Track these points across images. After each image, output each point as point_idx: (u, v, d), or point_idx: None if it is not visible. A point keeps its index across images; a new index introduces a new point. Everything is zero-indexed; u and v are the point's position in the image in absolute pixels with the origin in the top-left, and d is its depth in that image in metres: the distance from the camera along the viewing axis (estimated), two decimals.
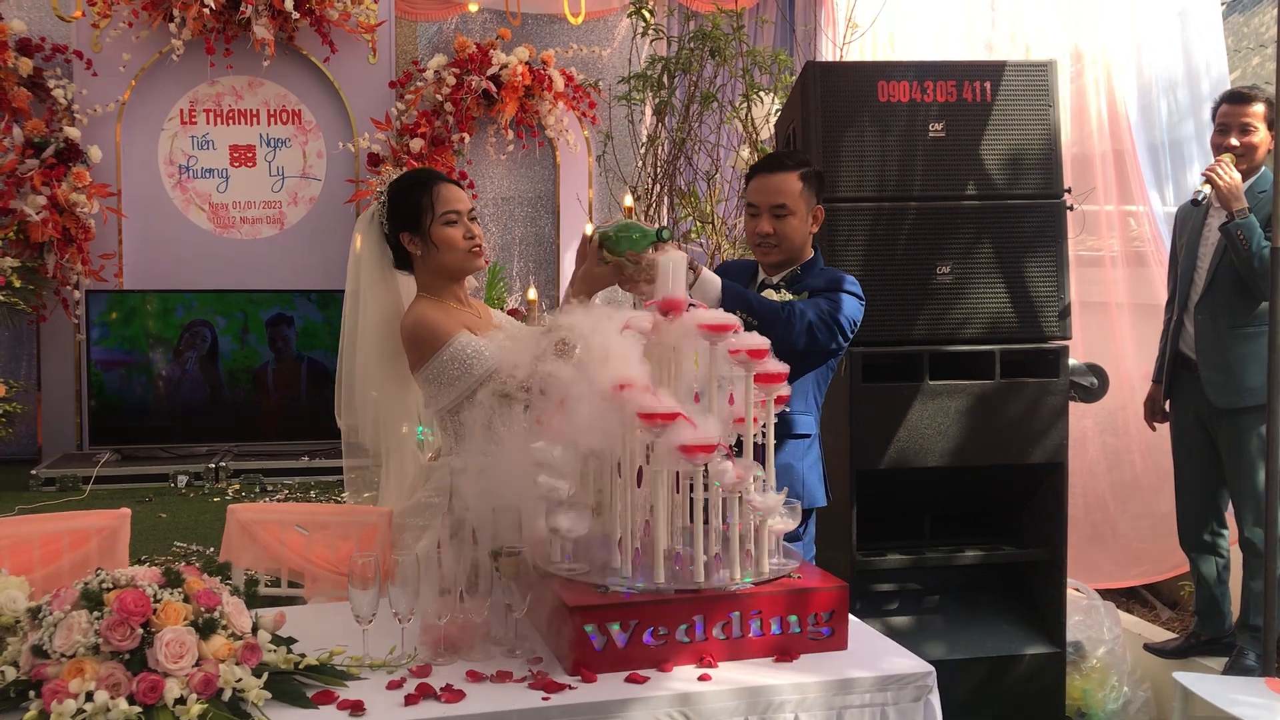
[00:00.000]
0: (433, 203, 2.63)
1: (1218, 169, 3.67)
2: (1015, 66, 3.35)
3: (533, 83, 5.92)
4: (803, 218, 2.87)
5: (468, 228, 2.65)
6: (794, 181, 2.86)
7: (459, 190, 2.69)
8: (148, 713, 1.80)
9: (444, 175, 2.73)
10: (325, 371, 5.69)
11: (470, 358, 2.56)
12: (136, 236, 5.90)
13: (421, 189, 2.66)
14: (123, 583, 1.93)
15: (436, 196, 2.63)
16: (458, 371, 2.57)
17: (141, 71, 5.82)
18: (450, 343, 2.57)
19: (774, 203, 2.84)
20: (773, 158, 2.97)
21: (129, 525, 2.67)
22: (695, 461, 2.10)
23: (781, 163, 2.91)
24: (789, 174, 2.87)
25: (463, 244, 2.64)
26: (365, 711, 1.89)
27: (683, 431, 2.08)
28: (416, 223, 2.65)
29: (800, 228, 2.86)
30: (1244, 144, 3.73)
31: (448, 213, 2.63)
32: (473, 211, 2.69)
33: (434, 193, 2.64)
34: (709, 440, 2.08)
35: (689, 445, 2.07)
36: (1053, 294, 3.29)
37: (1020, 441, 3.24)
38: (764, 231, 2.85)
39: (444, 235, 2.63)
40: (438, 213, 2.63)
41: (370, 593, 2.09)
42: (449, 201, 2.64)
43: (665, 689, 2.01)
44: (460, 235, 2.63)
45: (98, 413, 5.59)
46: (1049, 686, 3.30)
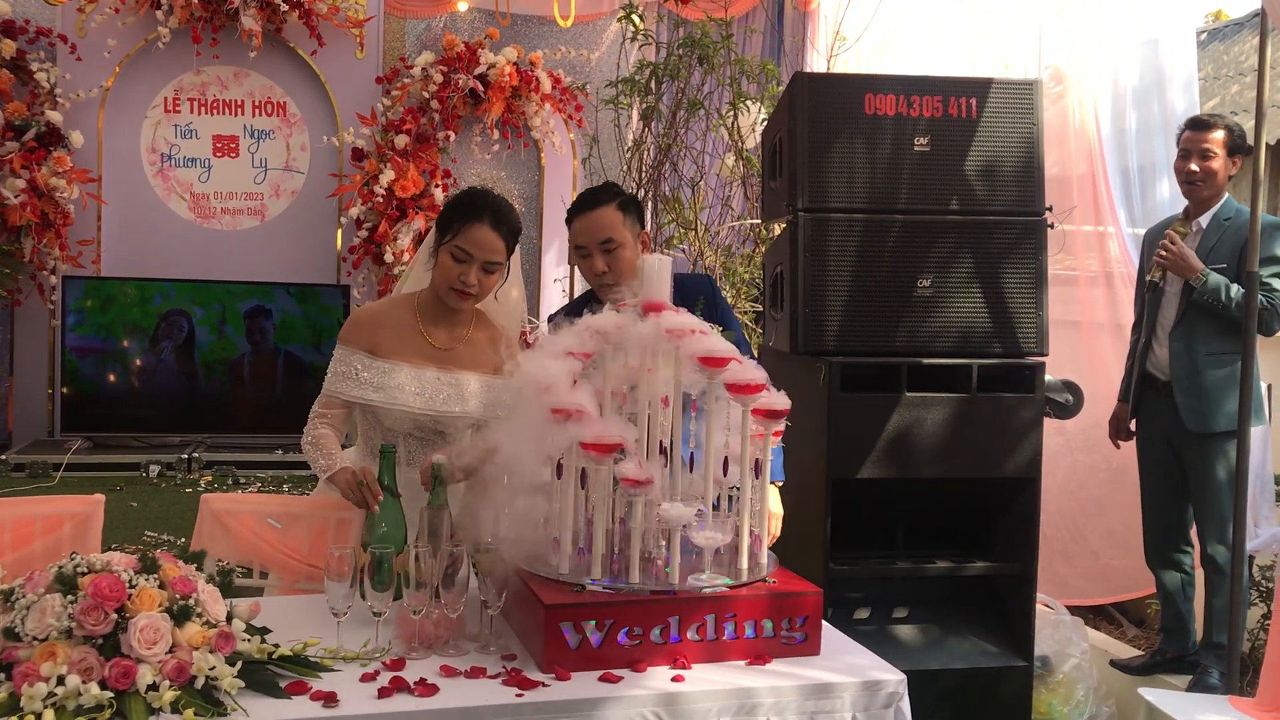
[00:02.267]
0: (459, 230, 2.62)
1: (1162, 249, 3.78)
2: (1001, 84, 3.38)
3: (520, 83, 5.92)
4: (631, 246, 2.88)
5: (469, 272, 2.60)
6: (613, 214, 2.87)
7: (493, 239, 2.62)
8: (119, 698, 1.79)
9: (499, 217, 2.65)
10: (302, 365, 5.67)
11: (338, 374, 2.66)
12: (116, 224, 5.86)
13: (464, 212, 2.64)
14: (98, 568, 1.92)
15: (465, 228, 2.61)
16: (333, 372, 2.68)
17: (126, 58, 5.78)
18: (345, 346, 2.68)
19: (601, 239, 2.84)
20: (587, 195, 2.95)
21: (103, 511, 2.66)
22: (599, 461, 2.13)
23: (597, 199, 2.90)
24: (607, 208, 2.87)
25: (451, 279, 2.62)
26: (338, 703, 1.89)
27: (586, 428, 2.11)
28: (442, 233, 2.66)
29: (631, 258, 2.86)
30: (1203, 169, 3.82)
31: (460, 248, 2.61)
32: (493, 264, 2.63)
33: (467, 224, 2.62)
34: (609, 439, 2.11)
35: (590, 443, 2.11)
36: (1031, 310, 3.32)
37: (995, 455, 3.26)
38: (600, 270, 2.85)
39: (444, 262, 2.64)
40: (454, 241, 2.62)
41: (345, 585, 2.10)
42: (471, 242, 2.61)
43: (639, 689, 2.02)
44: (456, 273, 2.61)
45: (70, 400, 5.55)
46: (1016, 699, 3.33)
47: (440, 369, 2.65)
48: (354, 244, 5.90)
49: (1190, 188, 3.89)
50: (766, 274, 3.69)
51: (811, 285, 3.25)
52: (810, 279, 3.25)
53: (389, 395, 2.61)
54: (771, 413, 2.25)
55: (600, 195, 2.92)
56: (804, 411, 3.35)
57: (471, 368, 2.70)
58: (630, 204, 2.94)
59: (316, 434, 2.61)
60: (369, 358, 2.63)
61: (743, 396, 2.21)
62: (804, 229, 3.25)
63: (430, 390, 2.64)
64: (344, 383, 2.64)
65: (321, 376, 2.75)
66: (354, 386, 2.63)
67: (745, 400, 2.22)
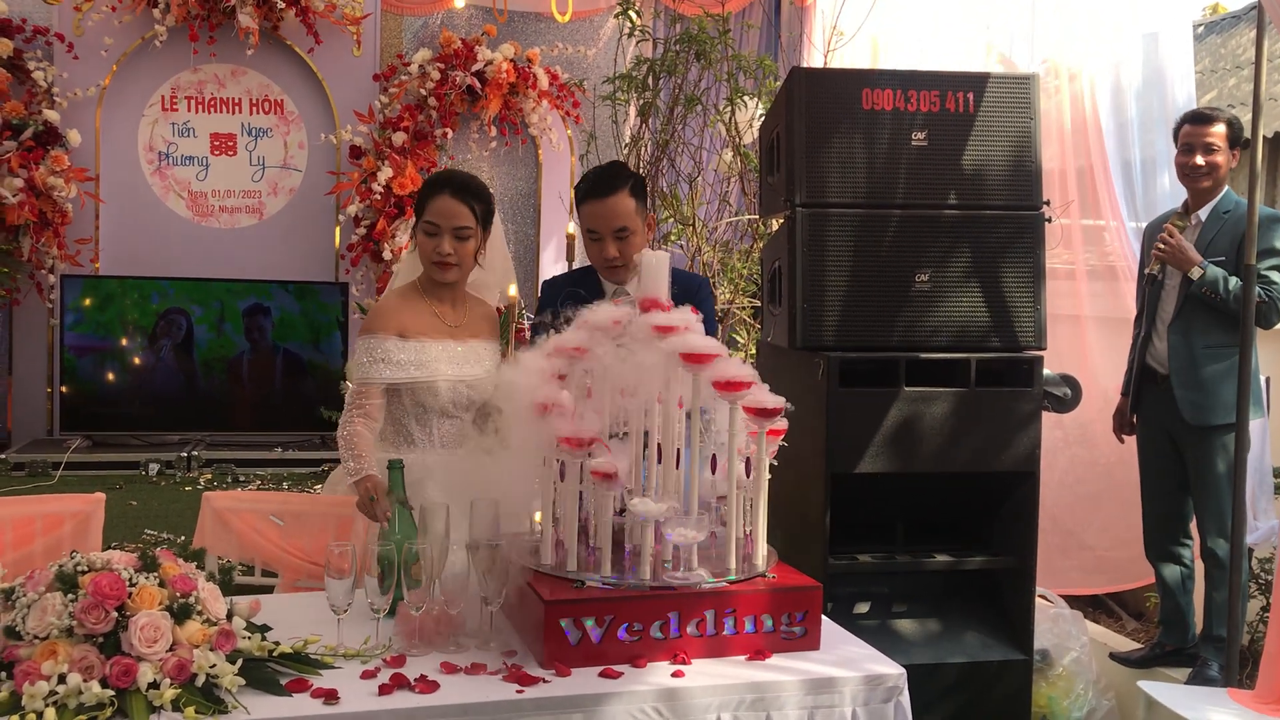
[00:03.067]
0: (424, 207, 2.79)
1: (1161, 242, 3.78)
2: (998, 78, 3.38)
3: (517, 80, 5.92)
4: (642, 233, 2.97)
5: (441, 242, 2.76)
6: (627, 201, 2.94)
7: (455, 205, 2.77)
8: (120, 696, 1.80)
9: (458, 185, 2.80)
10: (301, 363, 5.66)
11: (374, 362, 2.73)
12: (114, 222, 5.85)
13: (428, 189, 2.82)
14: (98, 566, 1.93)
15: (429, 203, 2.79)
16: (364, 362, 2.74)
17: (124, 56, 5.78)
18: (373, 335, 2.75)
19: (616, 227, 2.91)
20: (602, 180, 2.97)
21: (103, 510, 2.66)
22: (573, 455, 2.16)
23: (612, 184, 2.94)
24: (622, 194, 2.93)
25: (429, 253, 2.79)
26: (339, 700, 1.89)
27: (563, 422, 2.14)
28: (417, 216, 2.84)
29: (642, 243, 2.96)
30: (1208, 163, 3.81)
31: (428, 222, 2.78)
32: (463, 230, 2.77)
33: (430, 198, 2.79)
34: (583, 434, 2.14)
35: (565, 437, 2.14)
36: (1029, 304, 3.32)
37: (993, 450, 3.26)
38: (611, 256, 2.93)
39: (420, 240, 2.82)
40: (423, 218, 2.80)
41: (346, 583, 2.10)
42: (435, 213, 2.78)
43: (639, 685, 2.02)
44: (430, 247, 2.78)
45: (69, 399, 5.55)
46: (1015, 693, 3.33)
47: (458, 340, 2.83)
48: (352, 241, 5.90)
49: (1193, 181, 3.88)
50: (764, 269, 3.69)
51: (809, 280, 3.25)
52: (808, 274, 3.25)
53: (429, 370, 2.75)
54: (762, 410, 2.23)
55: (615, 180, 2.97)
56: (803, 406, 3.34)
57: (477, 337, 2.90)
58: (640, 188, 3.01)
59: (352, 430, 2.70)
60: (400, 340, 2.75)
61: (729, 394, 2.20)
62: (802, 224, 3.25)
63: (458, 359, 2.81)
64: (382, 368, 2.73)
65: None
66: (393, 369, 2.73)
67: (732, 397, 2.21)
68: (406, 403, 2.77)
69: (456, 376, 2.79)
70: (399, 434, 2.79)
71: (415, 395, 2.76)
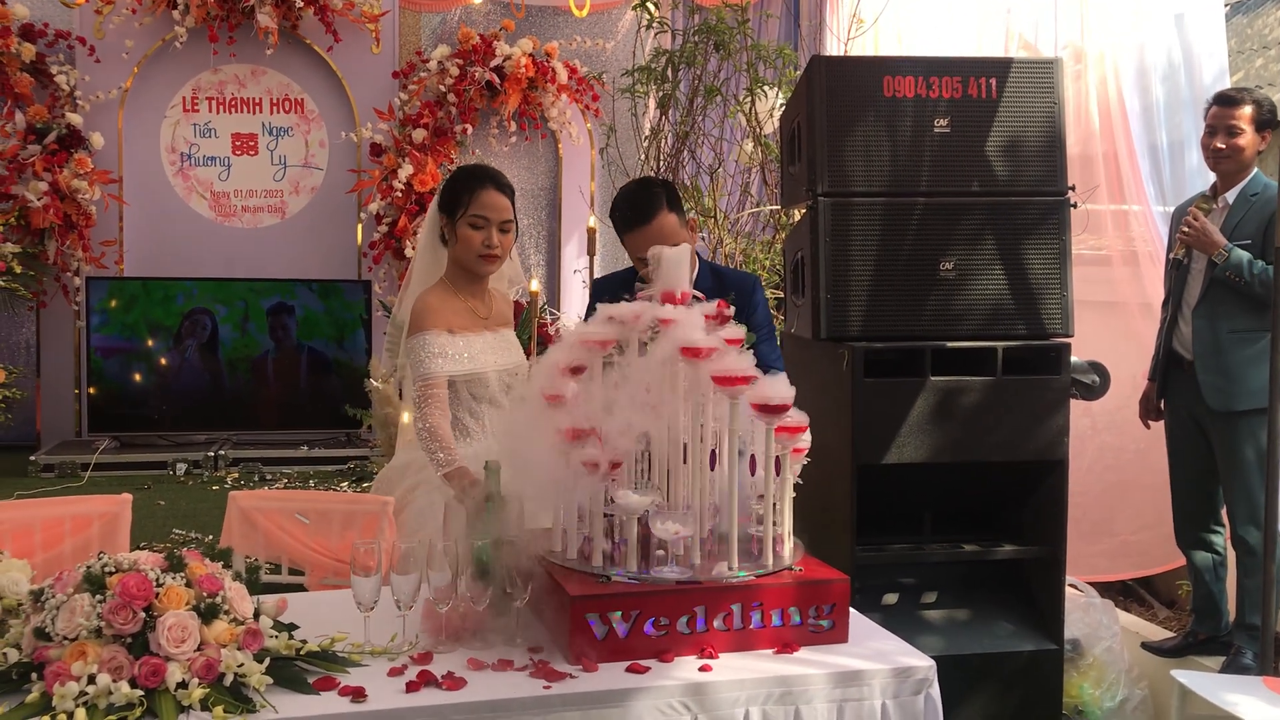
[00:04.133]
0: (469, 200, 2.80)
1: (1185, 225, 3.74)
2: (1021, 63, 3.34)
3: (536, 75, 5.92)
4: (685, 240, 2.95)
5: (490, 235, 2.80)
6: (669, 218, 2.95)
7: (501, 199, 2.82)
8: (149, 696, 1.80)
9: (499, 180, 2.85)
10: (325, 361, 5.68)
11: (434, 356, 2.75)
12: (138, 224, 5.89)
13: (468, 184, 2.83)
14: (125, 566, 1.93)
15: (475, 197, 2.80)
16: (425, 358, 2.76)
17: (144, 58, 5.81)
18: (426, 332, 2.77)
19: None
20: (640, 205, 2.97)
21: (130, 510, 2.67)
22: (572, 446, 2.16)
23: (652, 207, 2.95)
24: (662, 214, 2.95)
25: (477, 247, 2.80)
26: (366, 698, 1.89)
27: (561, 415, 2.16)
28: (452, 212, 2.83)
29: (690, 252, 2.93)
30: (1229, 145, 3.77)
31: (477, 215, 2.79)
32: (507, 223, 2.83)
33: (475, 192, 2.80)
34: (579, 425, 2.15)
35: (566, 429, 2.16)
36: (1055, 291, 3.28)
37: (1021, 438, 3.23)
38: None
39: (465, 234, 2.81)
40: (469, 211, 2.80)
41: (372, 580, 2.09)
42: (484, 206, 2.80)
43: (666, 679, 2.01)
44: (479, 239, 2.80)
45: (97, 400, 5.59)
46: (1046, 683, 3.30)
47: (492, 332, 2.90)
48: (374, 239, 5.92)
49: (1215, 163, 3.84)
50: (787, 260, 3.66)
51: (833, 270, 3.22)
52: (831, 264, 3.22)
53: (481, 362, 2.82)
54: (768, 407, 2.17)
55: (653, 202, 2.98)
56: (828, 398, 3.33)
57: (505, 325, 2.98)
58: (675, 197, 3.03)
59: (432, 423, 2.72)
60: (450, 336, 2.79)
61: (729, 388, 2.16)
62: (824, 214, 3.22)
63: (498, 349, 2.89)
64: (444, 362, 2.77)
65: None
66: (454, 363, 2.78)
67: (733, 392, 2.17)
68: (462, 395, 2.83)
69: (501, 366, 2.86)
70: (454, 427, 2.82)
71: (469, 387, 2.83)
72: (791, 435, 2.23)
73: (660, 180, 3.11)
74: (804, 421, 2.25)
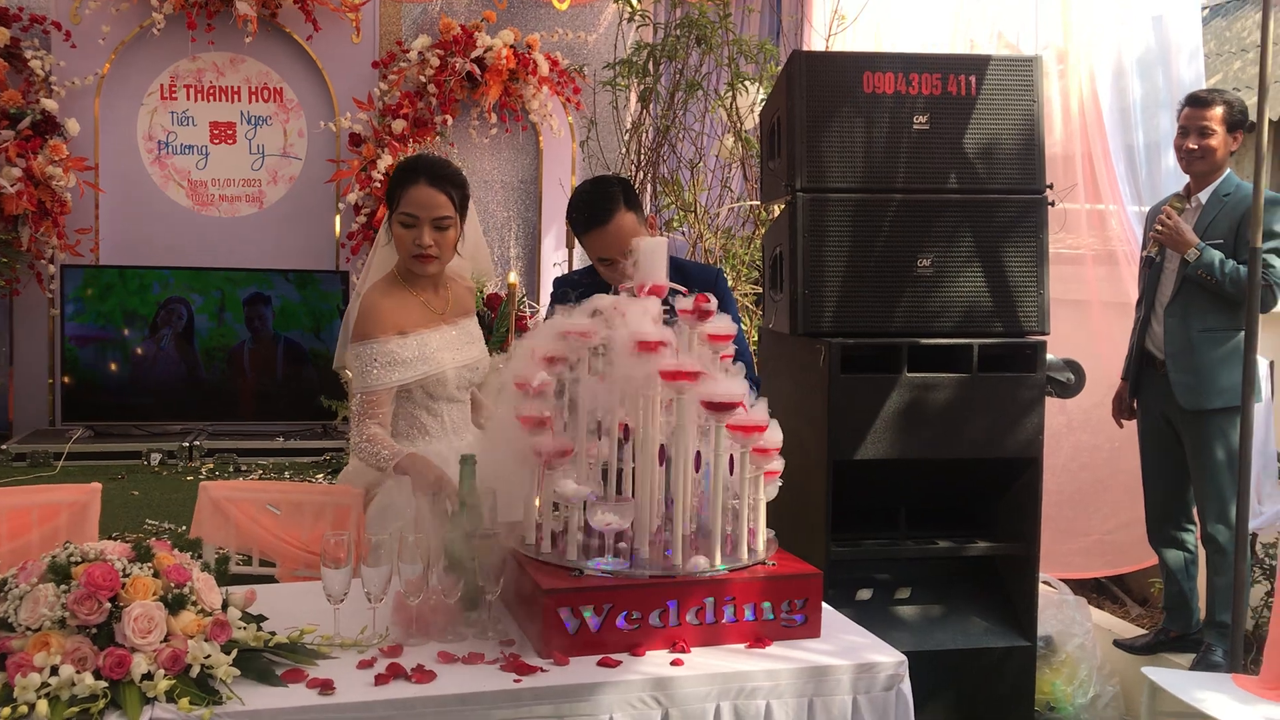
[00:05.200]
0: (400, 197, 2.68)
1: (1159, 224, 3.77)
2: (1000, 61, 3.35)
3: (517, 66, 5.89)
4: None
5: (421, 234, 2.66)
6: (627, 218, 2.90)
7: (434, 195, 2.66)
8: (114, 688, 1.78)
9: (434, 173, 2.69)
10: (302, 352, 5.65)
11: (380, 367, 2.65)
12: (113, 212, 5.84)
13: (400, 180, 2.70)
14: (91, 556, 1.91)
15: (405, 194, 2.67)
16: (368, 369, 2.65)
17: (121, 45, 5.76)
18: (372, 341, 2.65)
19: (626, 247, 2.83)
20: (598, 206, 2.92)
21: (99, 500, 2.65)
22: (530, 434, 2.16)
23: (610, 208, 2.90)
24: (620, 214, 2.90)
25: (408, 247, 2.68)
26: (335, 690, 1.88)
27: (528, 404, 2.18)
28: (390, 206, 2.73)
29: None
30: (1201, 146, 3.81)
31: (405, 214, 2.67)
32: (443, 220, 2.67)
33: (406, 189, 2.67)
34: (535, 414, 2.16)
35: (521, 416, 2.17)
36: (1032, 289, 3.29)
37: (996, 435, 3.24)
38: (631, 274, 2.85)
39: (397, 232, 2.71)
40: (399, 209, 2.68)
41: (342, 572, 2.08)
42: (413, 204, 2.66)
43: (638, 673, 2.01)
44: (409, 239, 2.67)
45: (71, 389, 5.54)
46: (1019, 679, 3.31)
47: (450, 324, 2.78)
48: (352, 230, 5.88)
49: (1187, 164, 3.88)
50: (766, 255, 3.66)
51: (811, 266, 3.22)
52: (809, 260, 3.22)
53: (435, 362, 2.71)
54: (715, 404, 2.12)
55: (610, 203, 2.92)
56: (804, 393, 3.33)
57: (466, 315, 2.86)
58: (632, 196, 2.97)
59: (370, 432, 2.64)
60: (401, 338, 2.68)
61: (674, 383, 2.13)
62: (803, 209, 3.22)
63: (456, 344, 2.78)
64: (392, 371, 2.66)
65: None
66: (404, 369, 2.67)
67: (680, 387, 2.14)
68: (417, 396, 2.74)
69: (460, 362, 2.77)
70: (412, 426, 2.76)
71: (426, 388, 2.73)
72: (747, 434, 2.16)
73: (616, 178, 3.07)
74: (761, 421, 2.17)
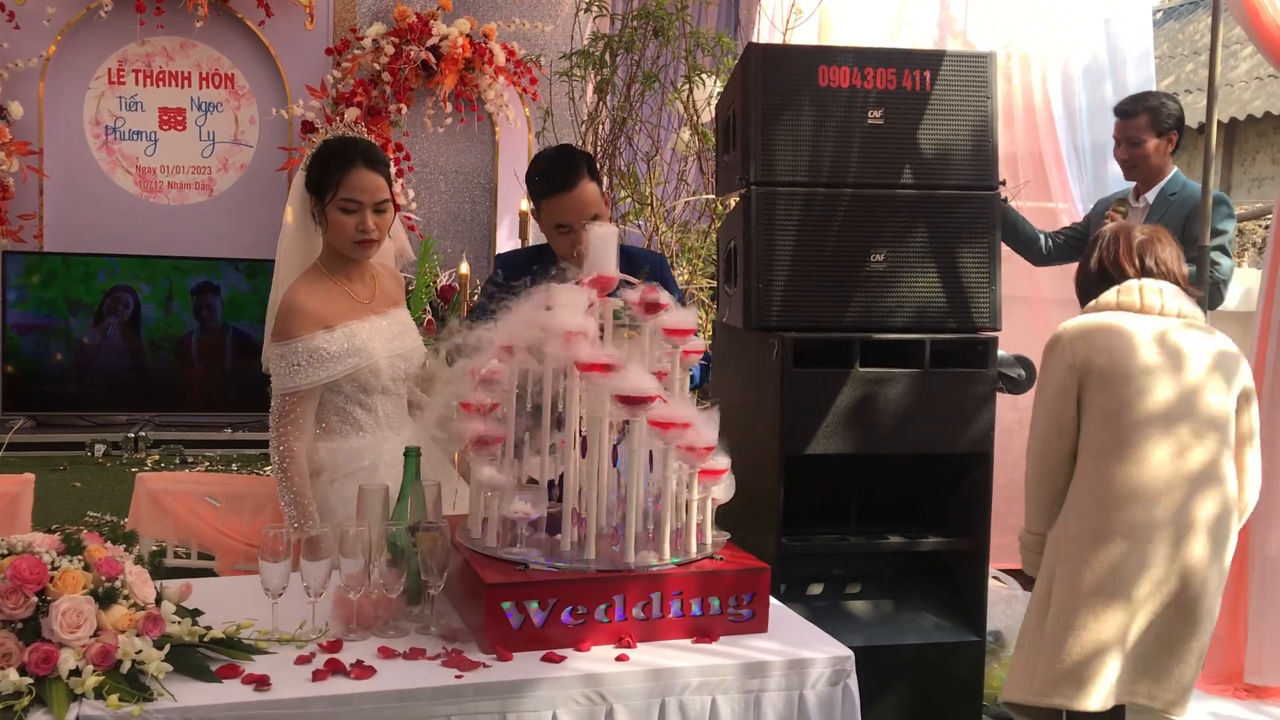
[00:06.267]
0: (339, 182, 2.58)
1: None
2: (954, 56, 3.35)
3: (473, 56, 5.83)
4: (607, 217, 2.96)
5: (364, 219, 2.59)
6: (592, 187, 2.92)
7: (374, 179, 2.60)
8: (39, 684, 1.73)
9: (371, 156, 2.62)
10: (251, 343, 5.56)
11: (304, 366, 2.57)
12: (58, 198, 5.71)
13: (335, 164, 2.60)
14: (19, 549, 1.85)
15: (344, 179, 2.58)
16: (290, 370, 2.57)
17: (67, 27, 5.63)
18: (295, 339, 2.57)
19: (589, 216, 2.87)
20: (566, 170, 2.92)
21: (32, 491, 2.58)
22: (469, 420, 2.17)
23: (577, 173, 2.90)
24: (585, 181, 2.91)
25: (350, 233, 2.60)
26: (271, 686, 1.84)
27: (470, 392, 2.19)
28: (321, 194, 2.62)
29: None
30: (1131, 155, 3.85)
31: (347, 200, 2.58)
32: (382, 204, 2.61)
33: (344, 174, 2.58)
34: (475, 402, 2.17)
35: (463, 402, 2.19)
36: (984, 285, 3.30)
37: (948, 431, 3.25)
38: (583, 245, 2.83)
39: (336, 219, 2.61)
40: (338, 195, 2.59)
41: (281, 566, 2.04)
42: (354, 189, 2.58)
43: (582, 669, 1.98)
44: (352, 225, 2.59)
45: (12, 378, 5.42)
46: (969, 674, 3.32)
47: (379, 314, 2.70)
48: None
49: (1126, 172, 3.94)
50: (720, 249, 3.64)
51: (764, 260, 3.21)
52: (763, 253, 3.21)
53: (365, 355, 2.62)
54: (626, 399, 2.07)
55: (577, 169, 2.92)
56: (756, 387, 3.32)
57: (395, 305, 2.78)
58: (595, 168, 2.99)
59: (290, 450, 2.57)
60: (327, 332, 2.60)
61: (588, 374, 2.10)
62: (756, 202, 3.21)
63: (388, 334, 2.69)
64: (318, 368, 2.58)
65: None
66: (331, 365, 2.59)
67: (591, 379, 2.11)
68: (348, 389, 2.65)
69: (393, 352, 2.70)
70: (345, 422, 2.69)
71: (357, 380, 2.64)
72: (666, 430, 2.10)
73: (580, 150, 3.06)
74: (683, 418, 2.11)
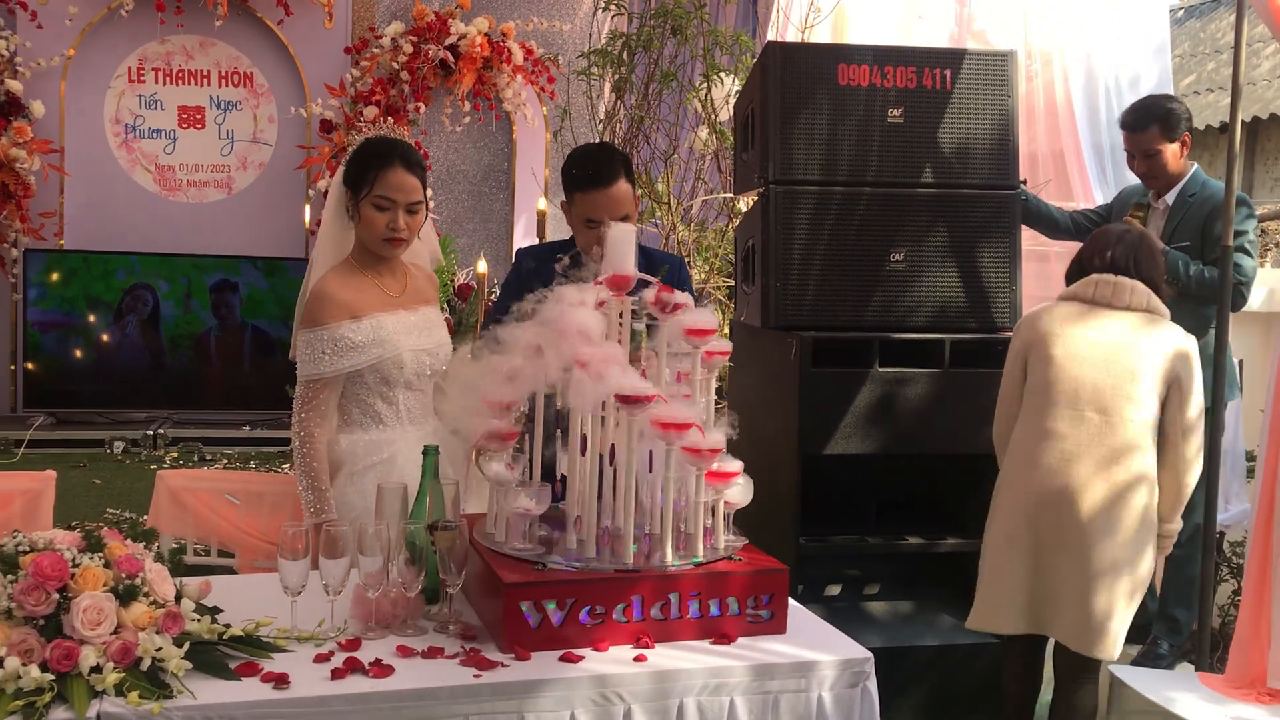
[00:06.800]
0: (375, 179, 2.62)
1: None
2: (976, 55, 3.34)
3: (491, 54, 5.84)
4: (635, 219, 2.91)
5: (396, 218, 2.62)
6: (626, 185, 2.89)
7: (409, 179, 2.64)
8: (61, 681, 1.73)
9: (408, 158, 2.67)
10: (269, 340, 5.58)
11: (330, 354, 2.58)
12: (79, 196, 5.75)
13: (374, 162, 2.65)
14: (40, 546, 1.86)
15: (380, 177, 2.62)
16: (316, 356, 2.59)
17: (89, 26, 5.67)
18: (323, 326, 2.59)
19: (619, 215, 2.83)
20: (602, 167, 2.90)
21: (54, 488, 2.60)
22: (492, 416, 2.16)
23: (613, 171, 2.88)
24: (621, 180, 2.88)
25: (381, 230, 2.63)
26: (290, 684, 1.83)
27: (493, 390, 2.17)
28: (357, 188, 2.65)
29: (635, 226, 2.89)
30: (1149, 167, 3.81)
31: (381, 197, 2.62)
32: (415, 205, 2.65)
33: (381, 172, 2.62)
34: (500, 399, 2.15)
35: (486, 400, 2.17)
36: (1004, 285, 3.29)
37: (967, 431, 3.23)
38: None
39: (368, 215, 2.64)
40: (373, 192, 2.62)
41: (300, 564, 2.04)
42: (389, 187, 2.62)
43: (599, 669, 1.97)
44: (383, 222, 2.63)
45: (33, 375, 5.45)
46: (986, 675, 3.31)
47: (408, 310, 2.70)
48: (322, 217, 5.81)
49: (1145, 182, 3.91)
50: (738, 248, 3.64)
51: (783, 259, 3.20)
52: (781, 253, 3.20)
53: (390, 346, 2.63)
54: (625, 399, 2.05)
55: (613, 166, 2.90)
56: (774, 386, 3.31)
57: (426, 303, 2.79)
58: (630, 168, 2.95)
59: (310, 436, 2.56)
60: (354, 322, 2.61)
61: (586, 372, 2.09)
62: (775, 202, 3.20)
63: (415, 329, 2.70)
64: (342, 357, 2.60)
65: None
66: (355, 354, 2.60)
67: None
68: (370, 381, 2.65)
69: (419, 346, 2.70)
70: (365, 414, 2.69)
71: (380, 372, 2.65)
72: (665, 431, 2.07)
73: (619, 150, 3.05)
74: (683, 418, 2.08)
